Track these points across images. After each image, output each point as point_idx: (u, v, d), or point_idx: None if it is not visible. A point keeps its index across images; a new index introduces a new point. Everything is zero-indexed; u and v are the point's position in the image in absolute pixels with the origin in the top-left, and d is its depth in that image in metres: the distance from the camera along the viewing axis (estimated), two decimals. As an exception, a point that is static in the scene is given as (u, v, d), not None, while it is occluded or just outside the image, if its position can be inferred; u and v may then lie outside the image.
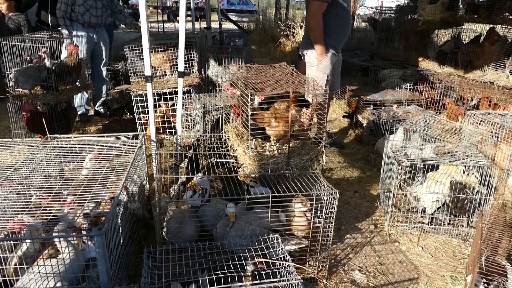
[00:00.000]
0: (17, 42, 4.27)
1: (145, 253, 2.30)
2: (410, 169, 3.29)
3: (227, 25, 14.81)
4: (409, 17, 7.80)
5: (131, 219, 2.85)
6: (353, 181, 4.32)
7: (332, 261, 2.97)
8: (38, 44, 4.24)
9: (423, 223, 3.37)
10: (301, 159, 2.98)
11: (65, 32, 5.03)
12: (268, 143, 3.08)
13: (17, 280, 2.20)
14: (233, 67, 5.16)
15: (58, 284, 2.15)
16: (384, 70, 7.71)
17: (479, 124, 4.07)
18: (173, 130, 4.67)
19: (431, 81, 6.60)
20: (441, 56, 6.92)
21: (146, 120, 4.83)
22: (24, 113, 4.23)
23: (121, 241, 2.53)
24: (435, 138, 4.05)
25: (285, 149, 2.98)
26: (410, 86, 6.15)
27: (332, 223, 2.70)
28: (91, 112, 6.06)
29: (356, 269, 2.92)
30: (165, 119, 4.51)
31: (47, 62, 4.25)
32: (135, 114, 4.91)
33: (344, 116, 5.96)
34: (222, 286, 2.09)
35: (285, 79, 3.02)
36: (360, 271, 2.91)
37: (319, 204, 2.68)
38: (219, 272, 2.15)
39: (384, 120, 5.01)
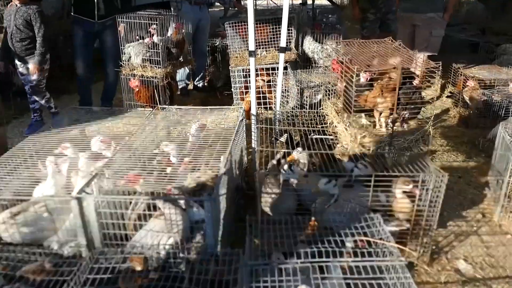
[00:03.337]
0: (129, 19, 4.60)
1: (247, 221, 2.39)
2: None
3: (319, 1, 14.43)
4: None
5: (232, 189, 2.99)
6: (457, 165, 4.03)
7: (434, 247, 2.83)
8: (148, 20, 4.52)
9: (541, 216, 3.05)
10: (405, 139, 2.84)
11: (173, 9, 5.30)
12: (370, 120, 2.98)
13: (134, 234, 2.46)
14: (332, 43, 5.04)
15: (170, 241, 2.35)
16: (501, 45, 6.89)
17: None
18: (268, 105, 4.75)
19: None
20: None
21: (243, 95, 4.97)
22: (133, 87, 4.59)
23: (225, 208, 2.66)
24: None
25: (389, 127, 2.86)
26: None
27: (438, 207, 2.56)
28: (190, 86, 6.39)
29: (461, 258, 2.76)
30: (261, 95, 4.59)
31: (156, 38, 4.53)
32: (232, 89, 5.08)
33: (447, 97, 5.53)
34: (321, 259, 2.12)
35: (390, 55, 2.88)
36: (465, 260, 2.73)
37: (425, 187, 2.55)
38: (319, 246, 2.18)
39: (497, 102, 4.54)
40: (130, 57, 4.63)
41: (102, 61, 5.17)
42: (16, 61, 4.48)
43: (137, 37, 4.69)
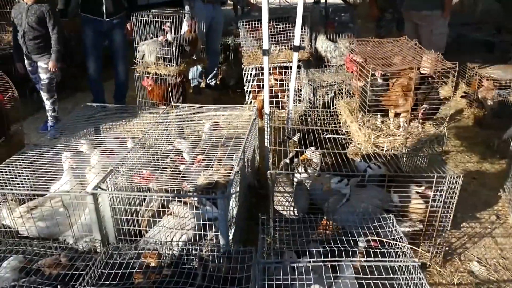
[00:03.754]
0: (143, 17, 4.64)
1: (260, 220, 2.39)
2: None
3: (332, 0, 14.35)
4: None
5: (245, 187, 3.00)
6: (471, 166, 3.98)
7: (447, 248, 2.81)
8: (161, 19, 4.55)
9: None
10: (420, 140, 2.82)
11: (187, 7, 5.33)
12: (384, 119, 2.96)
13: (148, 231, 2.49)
14: (345, 42, 5.01)
15: (183, 238, 2.38)
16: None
17: None
18: (280, 104, 4.74)
19: None
20: None
21: (255, 94, 4.97)
22: (145, 86, 4.63)
23: (237, 206, 2.68)
24: None
25: (403, 127, 2.84)
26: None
27: (451, 208, 2.54)
28: (202, 84, 6.41)
29: (474, 260, 2.73)
30: (273, 93, 4.58)
31: (169, 36, 4.56)
32: (244, 88, 5.08)
33: (462, 97, 5.47)
34: (334, 259, 2.12)
35: (405, 54, 2.86)
36: (479, 262, 2.71)
37: (439, 188, 2.53)
38: (332, 245, 2.18)
39: (512, 102, 4.48)
40: (144, 55, 4.67)
41: (112, 59, 5.22)
42: (26, 60, 4.47)
43: (151, 35, 4.72)
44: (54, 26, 4.33)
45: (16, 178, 2.48)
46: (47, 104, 4.62)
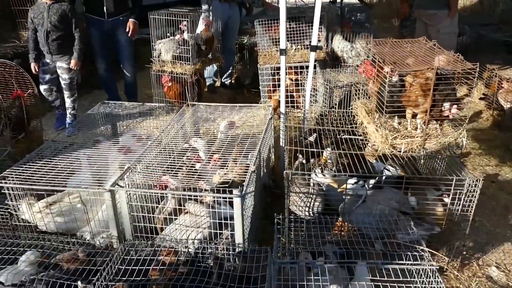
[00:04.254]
0: (160, 16, 4.67)
1: (276, 220, 2.39)
2: None
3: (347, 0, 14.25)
4: None
5: (260, 186, 3.00)
6: (490, 170, 3.91)
7: (465, 253, 2.76)
8: (179, 18, 4.57)
9: None
10: (438, 141, 2.78)
11: (204, 6, 5.35)
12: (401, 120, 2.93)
13: (163, 228, 2.50)
14: (362, 43, 4.97)
15: (199, 236, 2.39)
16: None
17: None
18: (295, 104, 4.73)
19: None
20: None
21: (270, 94, 4.97)
22: (164, 84, 4.66)
23: (252, 206, 2.68)
24: None
25: (421, 128, 2.81)
26: None
27: (471, 212, 2.50)
28: (217, 83, 6.43)
29: (493, 265, 2.68)
30: (288, 93, 4.57)
31: (186, 35, 4.58)
32: (260, 87, 5.08)
33: (480, 98, 5.37)
34: (350, 260, 2.10)
35: (424, 55, 2.82)
36: (497, 267, 2.66)
37: (458, 191, 2.49)
38: (348, 246, 2.16)
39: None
40: (160, 53, 4.70)
41: (118, 59, 5.18)
42: (44, 60, 4.46)
43: (168, 34, 4.75)
44: (77, 24, 4.37)
45: (35, 173, 2.51)
46: (68, 102, 4.67)
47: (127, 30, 4.86)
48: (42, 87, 4.58)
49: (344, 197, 2.63)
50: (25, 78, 3.67)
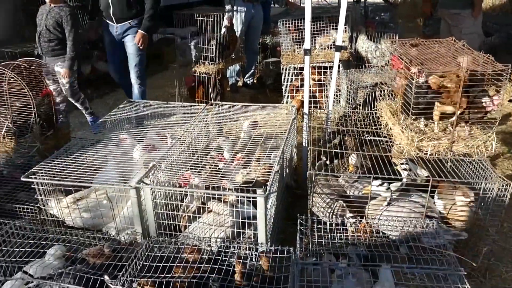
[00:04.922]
0: (184, 16, 4.73)
1: (298, 220, 2.38)
2: None
3: (371, -1, 14.07)
4: None
5: (283, 187, 2.99)
6: (520, 174, 3.80)
7: (492, 259, 2.69)
8: (204, 17, 4.60)
9: None
10: (466, 144, 2.71)
11: (227, 6, 5.38)
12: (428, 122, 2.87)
13: (187, 226, 2.53)
14: (387, 43, 4.90)
15: (222, 235, 2.40)
16: None
17: None
18: (318, 105, 4.70)
19: None
20: None
21: (293, 94, 4.96)
22: (187, 82, 4.72)
23: (275, 206, 2.67)
24: None
25: (448, 130, 2.75)
26: None
27: (499, 218, 2.43)
28: (240, 83, 6.45)
29: (522, 273, 2.60)
30: (311, 93, 4.54)
31: (210, 35, 4.62)
32: (282, 87, 5.08)
33: (510, 101, 5.21)
34: (374, 263, 2.07)
35: (453, 56, 2.76)
36: (526, 275, 2.58)
37: (486, 195, 2.42)
38: (372, 249, 2.14)
39: None
40: (184, 53, 4.76)
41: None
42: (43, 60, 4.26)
43: (192, 33, 4.81)
44: (71, 31, 4.15)
45: (63, 169, 2.57)
46: (78, 106, 4.59)
47: (135, 41, 4.57)
48: (51, 88, 4.27)
49: (368, 199, 2.60)
50: (54, 76, 3.75)
